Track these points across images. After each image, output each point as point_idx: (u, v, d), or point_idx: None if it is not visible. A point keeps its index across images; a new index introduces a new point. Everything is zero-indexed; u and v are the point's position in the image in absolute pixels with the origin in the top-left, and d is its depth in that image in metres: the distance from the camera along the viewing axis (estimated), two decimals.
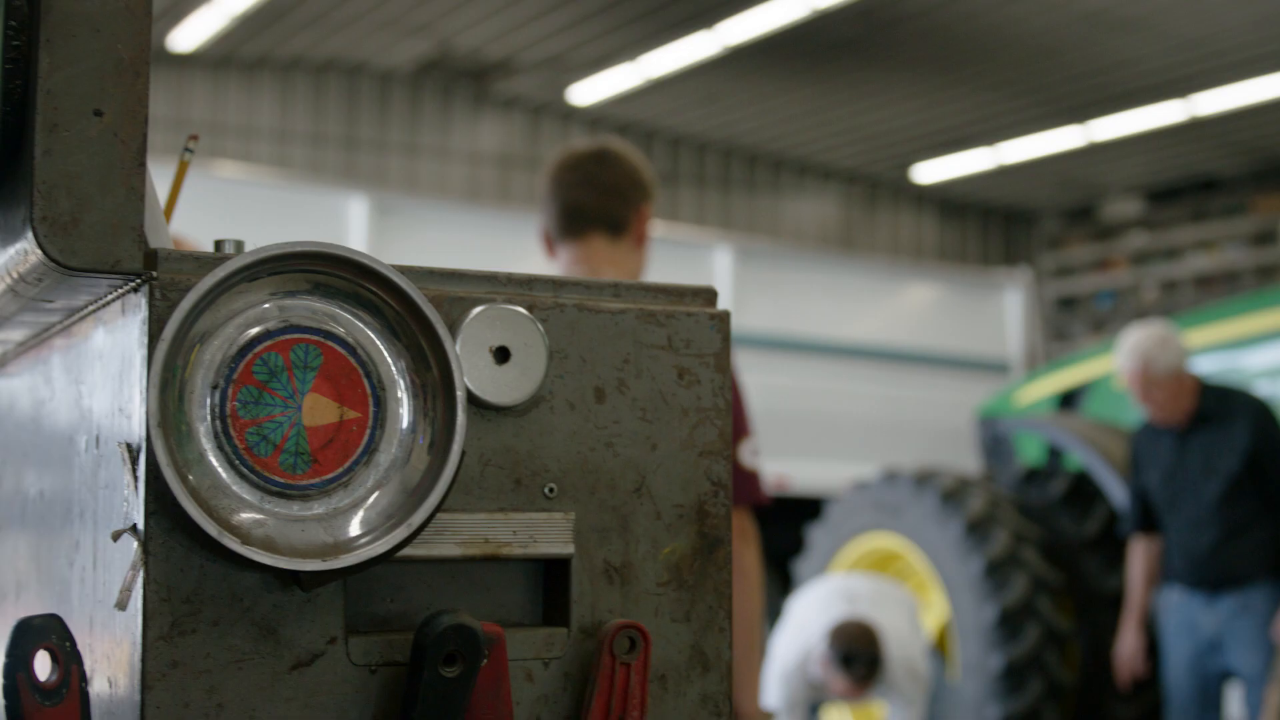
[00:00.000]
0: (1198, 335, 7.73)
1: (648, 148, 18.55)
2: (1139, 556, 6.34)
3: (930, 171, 19.48)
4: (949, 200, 20.54)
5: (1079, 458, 7.53)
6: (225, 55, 16.63)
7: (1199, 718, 6.10)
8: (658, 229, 12.23)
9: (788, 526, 9.87)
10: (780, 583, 10.82)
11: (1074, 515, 7.41)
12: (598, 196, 3.39)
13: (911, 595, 6.63)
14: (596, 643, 1.43)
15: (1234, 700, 6.81)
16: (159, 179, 1.68)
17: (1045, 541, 7.24)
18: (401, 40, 16.37)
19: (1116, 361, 6.12)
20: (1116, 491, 7.07)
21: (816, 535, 8.19)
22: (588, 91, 17.85)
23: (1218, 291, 18.06)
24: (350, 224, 9.69)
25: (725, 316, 1.54)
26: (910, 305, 12.57)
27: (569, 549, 1.44)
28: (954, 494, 7.30)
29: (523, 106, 18.34)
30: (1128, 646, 6.33)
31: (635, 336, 1.49)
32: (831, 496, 8.46)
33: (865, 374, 11.78)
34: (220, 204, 8.95)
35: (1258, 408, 6.01)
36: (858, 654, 5.74)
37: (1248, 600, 5.92)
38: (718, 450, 1.52)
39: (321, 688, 1.34)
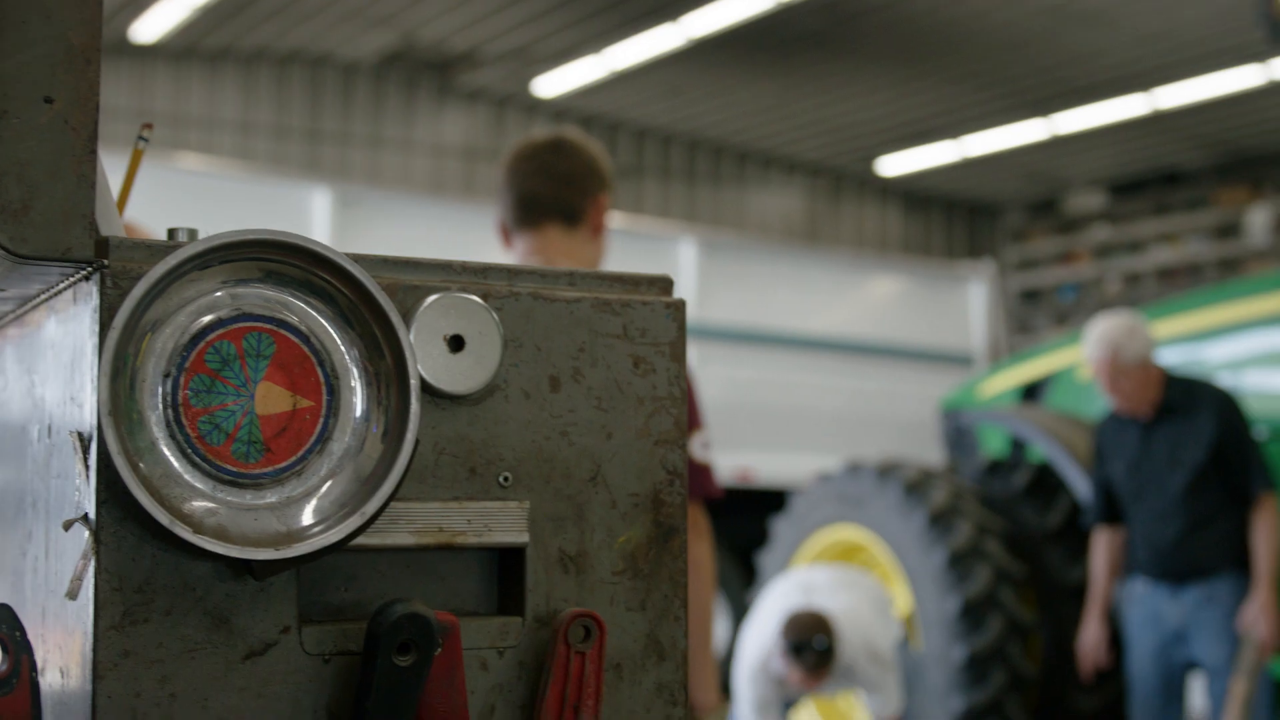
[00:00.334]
0: (1161, 328, 7.76)
1: (612, 140, 18.54)
2: (1102, 547, 6.35)
3: (895, 164, 19.52)
4: (913, 193, 20.58)
5: (1042, 449, 7.55)
6: (188, 46, 16.55)
7: (1162, 709, 6.11)
8: (623, 221, 12.23)
9: (752, 519, 9.88)
10: (744, 575, 10.84)
11: (1037, 507, 7.43)
12: (553, 186, 3.38)
13: (877, 582, 6.64)
14: (551, 631, 1.43)
15: (1196, 691, 6.85)
16: (121, 170, 1.68)
17: (1008, 533, 7.26)
18: (365, 32, 16.33)
19: (1084, 351, 6.13)
20: (1079, 483, 7.09)
21: (780, 527, 8.19)
22: (552, 84, 17.83)
23: (1180, 284, 18.14)
24: (314, 216, 9.66)
25: (680, 305, 1.54)
26: (874, 298, 12.59)
27: (524, 538, 1.44)
28: (917, 486, 7.32)
29: (487, 99, 18.31)
30: (1090, 637, 6.34)
31: (590, 325, 1.49)
32: (796, 489, 8.47)
33: (830, 366, 11.80)
34: (183, 196, 8.92)
35: (1223, 400, 6.02)
36: (807, 642, 5.74)
37: (1212, 591, 5.93)
38: (673, 439, 1.52)
39: (275, 677, 1.34)
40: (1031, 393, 8.72)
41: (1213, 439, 5.91)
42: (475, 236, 9.22)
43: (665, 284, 1.56)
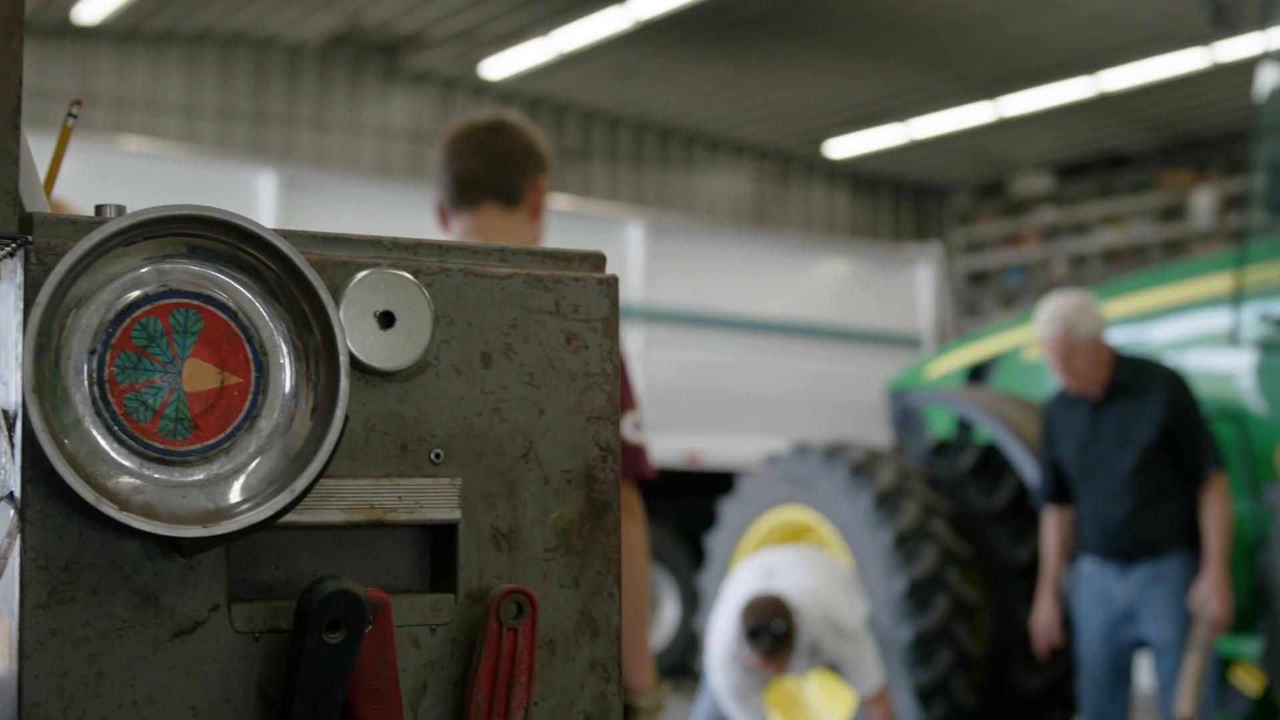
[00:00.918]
0: (1107, 309, 7.81)
1: (560, 122, 18.51)
2: (1052, 526, 6.37)
3: (842, 147, 19.56)
4: (861, 176, 20.63)
5: (987, 430, 7.58)
6: (131, 28, 16.42)
7: (1111, 688, 6.15)
8: (570, 204, 12.21)
9: (700, 501, 9.90)
10: (693, 558, 10.86)
11: (983, 487, 7.46)
12: (492, 166, 3.37)
13: (838, 561, 6.63)
14: (484, 608, 1.43)
15: (1144, 670, 6.90)
16: (67, 153, 1.66)
17: (954, 514, 7.30)
18: (311, 14, 16.24)
19: (1036, 329, 6.13)
20: (1025, 464, 7.12)
21: (728, 509, 8.21)
22: (499, 66, 17.78)
23: (1126, 266, 18.26)
24: (259, 199, 9.62)
25: (613, 281, 1.54)
26: (822, 280, 12.63)
27: (455, 514, 1.43)
28: (864, 467, 7.34)
29: (434, 81, 18.24)
30: (1043, 616, 6.36)
31: (522, 301, 1.48)
32: (744, 471, 8.49)
33: (778, 349, 11.84)
34: (127, 179, 8.87)
35: (1173, 379, 6.04)
36: (764, 626, 5.73)
37: (1161, 570, 5.96)
38: (606, 415, 1.51)
39: (204, 655, 1.33)
40: (978, 374, 8.76)
41: (1163, 418, 5.93)
42: (422, 219, 9.18)
43: (598, 260, 1.55)
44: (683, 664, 10.88)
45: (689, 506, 10.75)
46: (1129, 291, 7.95)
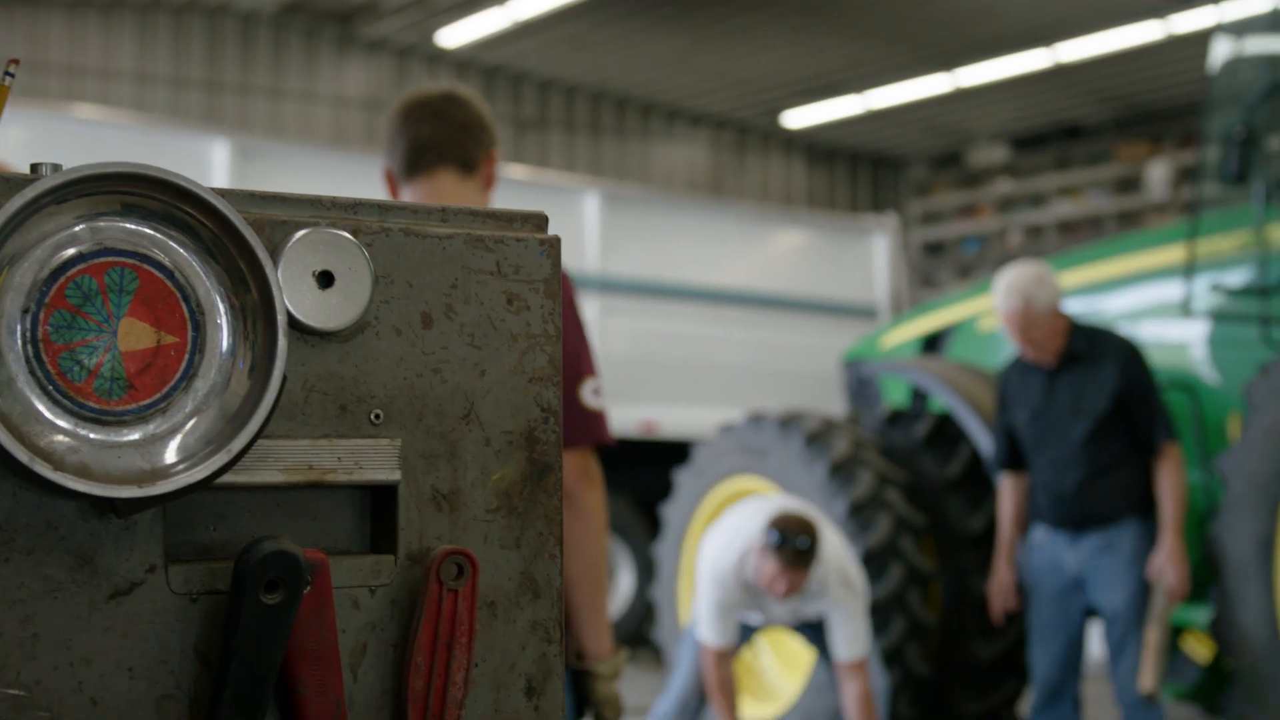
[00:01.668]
0: (1062, 279, 7.85)
1: (516, 92, 18.45)
2: (1007, 494, 6.40)
3: (799, 118, 19.56)
4: (818, 146, 20.64)
5: (941, 400, 7.61)
6: None
7: (1062, 656, 6.18)
8: (526, 174, 12.16)
9: (656, 471, 9.91)
10: (649, 527, 10.87)
11: (937, 457, 7.49)
12: (450, 132, 3.35)
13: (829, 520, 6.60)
14: (424, 570, 1.42)
15: (1095, 638, 6.94)
16: (13, 119, 1.65)
17: (908, 483, 7.32)
18: None
19: (995, 301, 6.13)
20: (979, 433, 7.15)
21: (683, 479, 8.22)
22: (455, 34, 17.69)
23: (1081, 237, 18.33)
24: (213, 167, 9.56)
25: (555, 242, 1.53)
26: (779, 251, 12.64)
27: (395, 475, 1.43)
28: (818, 436, 7.36)
29: (389, 49, 18.15)
30: (999, 582, 6.39)
31: (463, 262, 1.47)
32: (700, 441, 8.49)
33: (734, 319, 11.85)
34: (79, 147, 8.79)
35: (1127, 349, 6.06)
36: (790, 537, 5.66)
37: (1111, 539, 5.99)
38: (547, 376, 1.51)
39: (140, 616, 1.32)
40: (933, 344, 8.79)
41: (1116, 388, 5.96)
42: (377, 188, 9.16)
43: (539, 220, 1.55)
44: (639, 634, 10.90)
45: (645, 476, 10.75)
46: (1084, 262, 7.98)
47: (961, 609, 7.18)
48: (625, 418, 10.24)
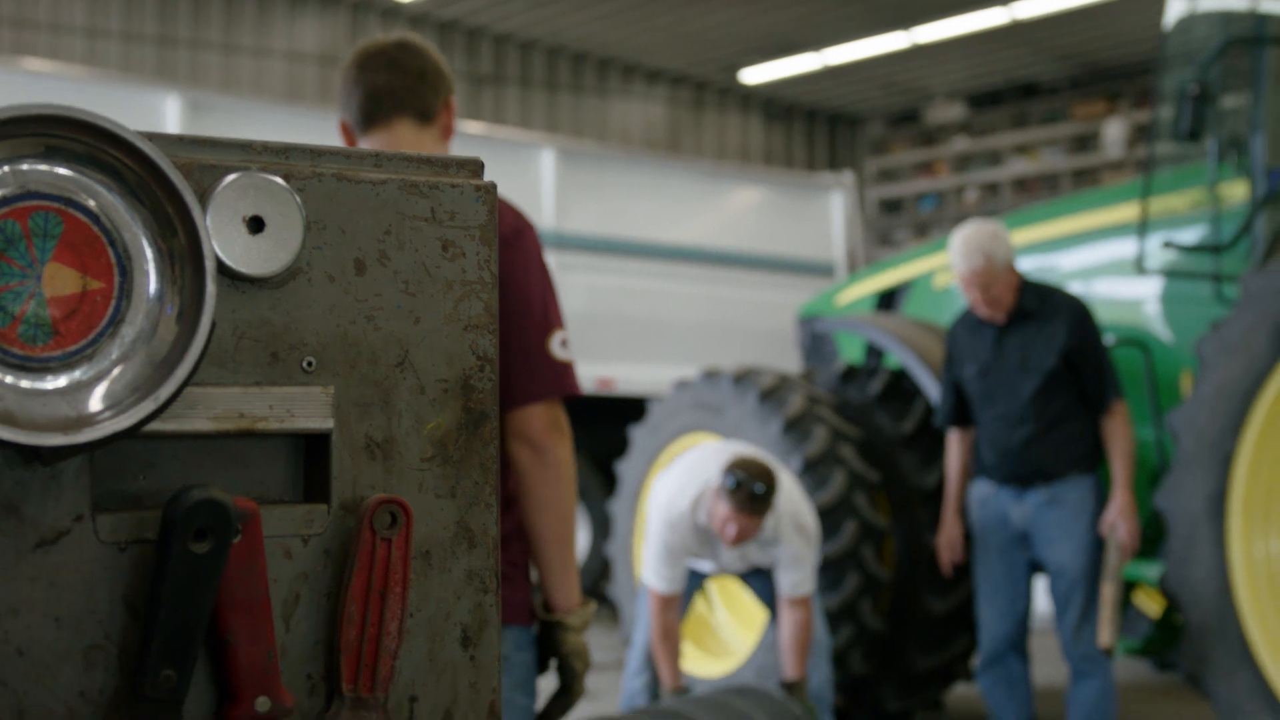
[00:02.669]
0: (1018, 236, 7.87)
1: (472, 47, 18.33)
2: (955, 448, 6.44)
3: (757, 75, 19.52)
4: (775, 103, 20.61)
5: (896, 356, 7.62)
6: None
7: (1009, 612, 6.21)
8: (482, 130, 12.09)
9: (612, 428, 9.92)
10: (605, 484, 10.88)
11: (891, 413, 7.49)
12: (408, 81, 3.30)
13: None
14: (357, 519, 1.41)
15: (1040, 592, 6.97)
16: None
17: (863, 439, 7.33)
18: None
19: (953, 260, 6.12)
20: (933, 389, 7.17)
21: (639, 436, 8.21)
22: None
23: (1037, 195, 18.38)
24: (165, 122, 9.48)
25: (491, 188, 1.51)
26: (736, 208, 12.62)
27: (328, 424, 1.41)
28: (773, 393, 7.36)
29: (344, 4, 17.99)
30: (947, 535, 6.44)
31: (397, 208, 1.45)
32: (657, 398, 8.49)
33: (691, 276, 11.84)
34: (28, 101, 8.69)
35: (1077, 307, 6.07)
36: (751, 481, 5.60)
37: (1057, 493, 6.02)
38: (483, 324, 1.49)
39: (67, 566, 1.30)
40: (888, 301, 8.80)
41: (1065, 345, 5.98)
42: (331, 143, 9.10)
43: (475, 166, 1.53)
44: (595, 590, 10.92)
45: (601, 433, 10.77)
46: (1039, 220, 8.00)
47: (915, 564, 7.21)
48: (581, 375, 10.16)
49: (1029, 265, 7.65)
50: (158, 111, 9.55)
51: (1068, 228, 7.80)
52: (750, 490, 5.57)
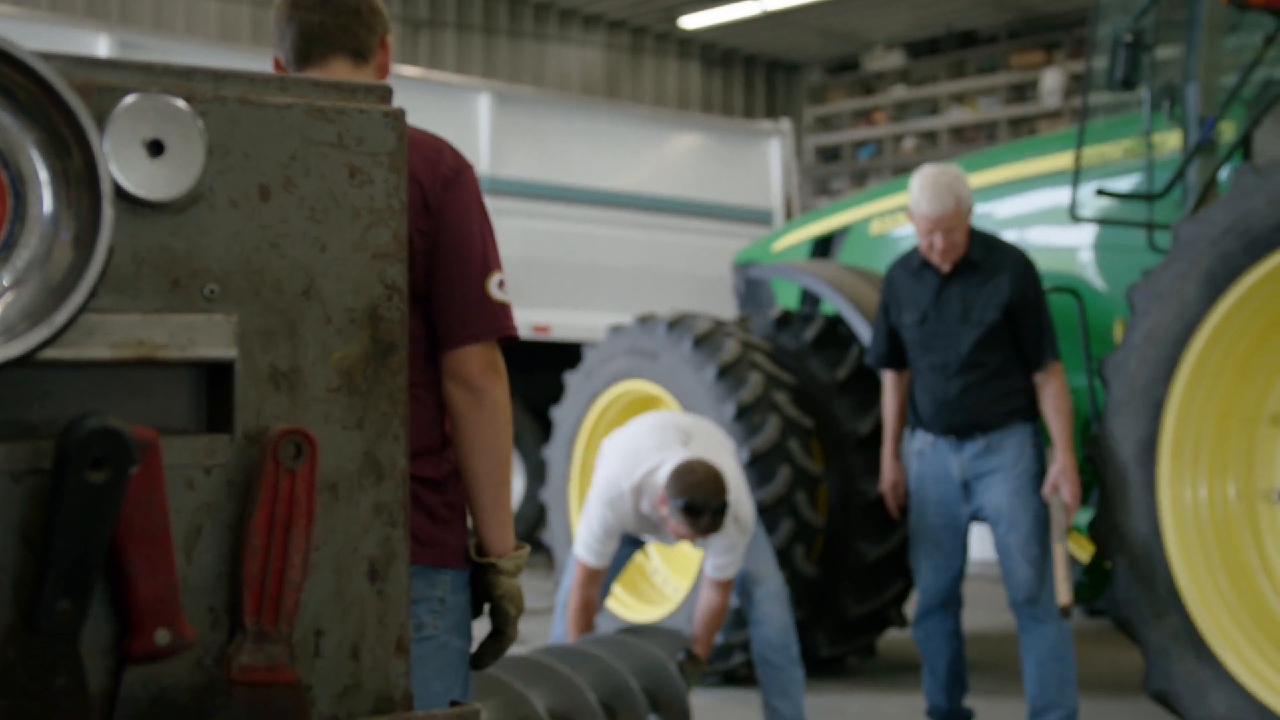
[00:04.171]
0: None
1: None
2: (891, 390, 6.34)
3: (696, 20, 19.43)
4: (714, 49, 20.53)
5: (830, 302, 7.61)
6: None
7: (943, 566, 6.17)
8: (418, 74, 11.97)
9: (548, 375, 9.88)
10: (540, 430, 10.86)
11: (826, 359, 7.49)
12: (342, 19, 3.23)
13: (729, 437, 6.49)
14: (261, 449, 1.38)
15: (975, 540, 6.99)
16: None
17: (797, 385, 7.33)
18: None
19: (919, 201, 5.92)
20: (867, 336, 7.16)
21: (574, 381, 8.18)
22: None
23: (974, 144, 18.41)
24: None
25: (399, 115, 1.48)
26: (673, 154, 12.57)
27: (231, 352, 1.38)
28: (707, 338, 7.34)
29: None
30: (888, 478, 6.38)
31: (303, 133, 1.42)
32: (592, 345, 8.45)
33: (628, 222, 11.80)
34: None
35: (1023, 261, 6.00)
36: (707, 504, 5.52)
37: (993, 442, 5.99)
38: (392, 253, 1.46)
39: None
40: (824, 247, 8.79)
41: (1007, 299, 5.92)
42: None
43: (384, 92, 1.50)
44: (530, 536, 10.91)
45: (536, 380, 10.73)
46: (976, 168, 7.99)
47: (848, 511, 7.22)
48: (517, 321, 10.11)
49: None
50: (88, 52, 9.41)
51: (1003, 175, 7.80)
52: (703, 510, 5.51)
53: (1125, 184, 7.00)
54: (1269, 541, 6.03)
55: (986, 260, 6.00)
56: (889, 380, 6.37)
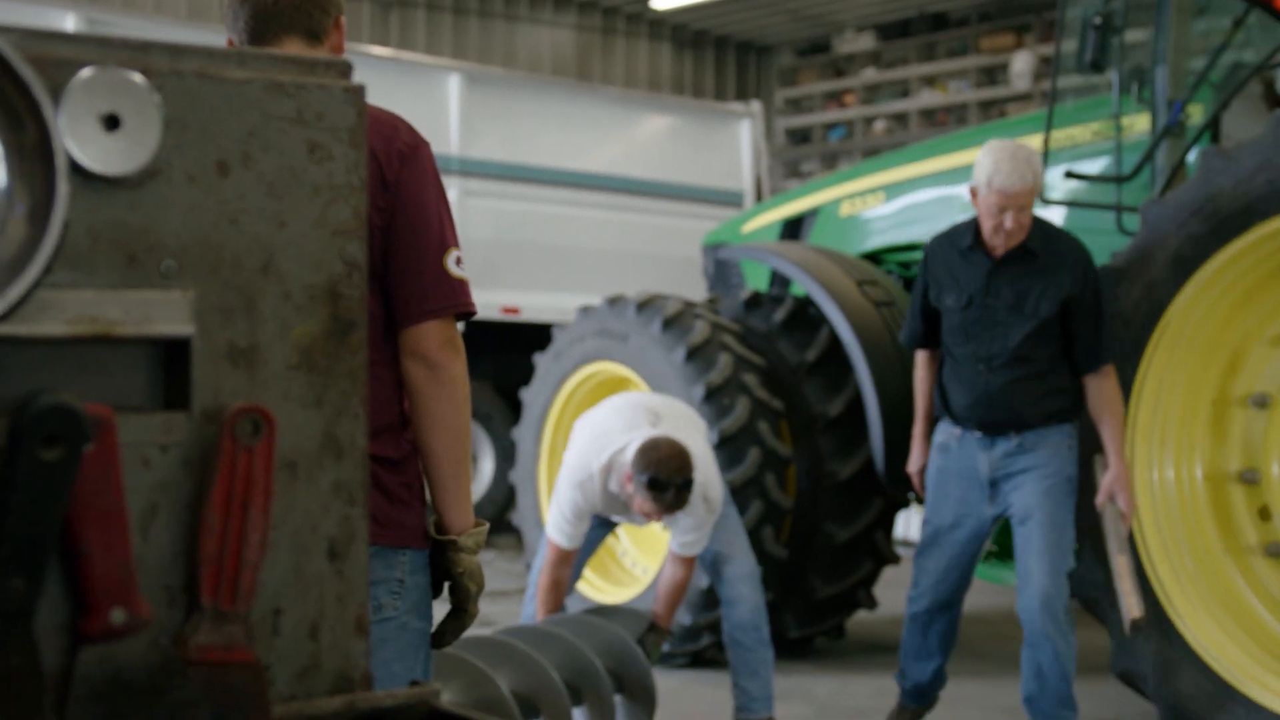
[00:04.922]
0: (925, 166, 7.89)
1: None
2: (923, 369, 6.06)
3: (667, 1, 19.40)
4: (685, 31, 20.49)
5: (799, 284, 7.61)
6: None
7: (953, 566, 5.87)
8: (388, 54, 11.92)
9: (518, 356, 9.87)
10: (510, 412, 10.85)
11: (795, 341, 7.49)
12: None
13: (700, 418, 6.44)
14: (218, 427, 1.37)
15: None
16: None
17: (766, 367, 7.33)
18: None
19: (991, 175, 5.57)
20: (837, 317, 7.15)
21: (543, 363, 8.17)
22: None
23: (945, 126, 18.42)
24: None
25: (359, 90, 1.47)
26: (644, 136, 12.55)
27: (189, 329, 1.37)
28: (677, 319, 7.33)
29: None
30: (917, 461, 6.12)
31: (262, 108, 1.41)
32: (562, 326, 8.43)
33: (598, 204, 11.78)
34: None
35: (1084, 256, 5.68)
36: (671, 479, 5.51)
37: (1026, 442, 5.68)
38: (352, 230, 1.45)
39: None
40: (793, 229, 8.79)
41: (1067, 293, 5.61)
42: None
43: (344, 68, 1.48)
44: (499, 518, 10.91)
45: (506, 361, 10.72)
46: (946, 151, 8.00)
47: (817, 492, 7.23)
48: (487, 302, 10.17)
49: (935, 194, 7.67)
50: (54, 29, 9.34)
51: (973, 158, 7.80)
52: (668, 487, 5.50)
53: (1094, 166, 7.02)
54: (1235, 522, 6.07)
55: (1045, 249, 5.68)
56: (922, 360, 6.08)
